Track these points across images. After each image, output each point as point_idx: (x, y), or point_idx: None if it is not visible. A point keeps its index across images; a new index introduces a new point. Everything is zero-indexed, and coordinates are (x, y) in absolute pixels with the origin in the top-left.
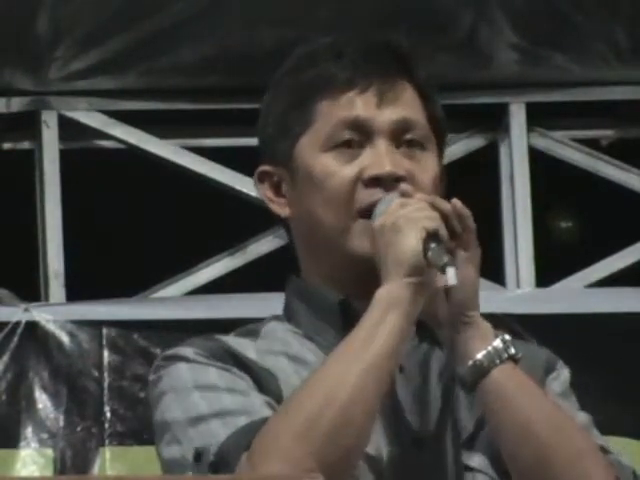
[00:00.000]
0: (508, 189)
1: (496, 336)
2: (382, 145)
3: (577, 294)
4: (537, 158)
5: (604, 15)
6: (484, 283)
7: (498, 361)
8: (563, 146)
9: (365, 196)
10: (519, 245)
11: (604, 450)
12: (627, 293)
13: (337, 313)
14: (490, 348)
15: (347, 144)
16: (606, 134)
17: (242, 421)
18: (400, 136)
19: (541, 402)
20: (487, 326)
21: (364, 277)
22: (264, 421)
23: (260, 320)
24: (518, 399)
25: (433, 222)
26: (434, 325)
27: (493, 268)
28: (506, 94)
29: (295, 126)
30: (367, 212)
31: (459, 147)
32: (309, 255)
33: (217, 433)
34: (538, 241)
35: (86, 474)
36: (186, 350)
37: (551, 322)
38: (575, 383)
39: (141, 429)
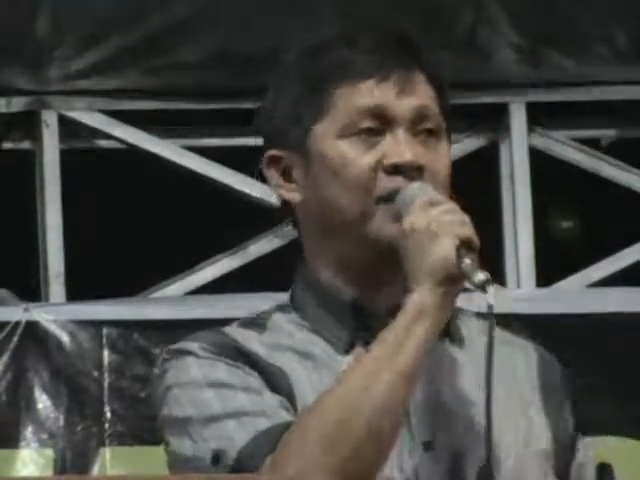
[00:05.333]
0: (508, 189)
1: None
2: (401, 133)
3: (577, 294)
4: (537, 158)
5: (604, 15)
6: None
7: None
8: (563, 146)
9: (386, 183)
10: (519, 245)
11: None
12: (627, 293)
13: (349, 312)
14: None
15: (366, 132)
16: (606, 134)
17: (262, 423)
18: (417, 125)
19: None
20: None
21: (379, 262)
22: (286, 425)
23: (263, 311)
24: None
25: (466, 228)
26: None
27: (493, 268)
28: (506, 94)
29: (308, 113)
30: (388, 198)
31: (459, 147)
32: (321, 243)
33: (234, 435)
34: (538, 241)
35: (86, 474)
36: (192, 345)
37: (551, 322)
38: (576, 382)
39: (141, 429)
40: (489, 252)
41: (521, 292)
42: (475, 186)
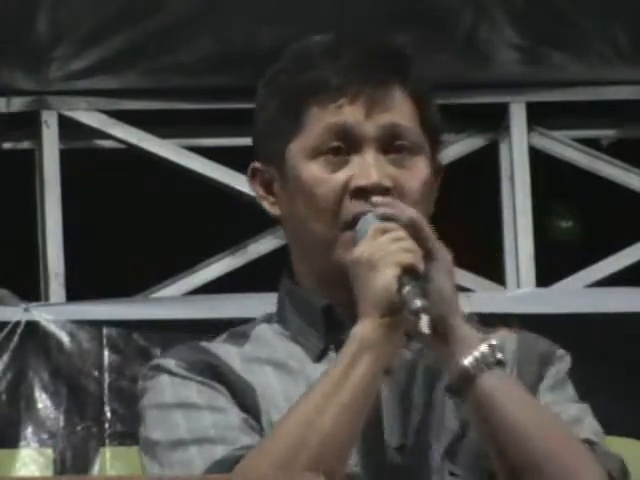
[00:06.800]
0: (508, 189)
1: (482, 341)
2: (370, 154)
3: (577, 294)
4: (537, 158)
5: (604, 15)
6: (484, 283)
7: (484, 367)
8: (563, 146)
9: (350, 208)
10: (519, 245)
11: (590, 442)
12: (627, 293)
13: (322, 318)
14: (476, 354)
15: (334, 152)
16: (606, 134)
17: (219, 452)
18: (389, 143)
19: (529, 407)
20: (470, 331)
21: (349, 285)
22: (239, 456)
23: (253, 320)
24: (506, 406)
25: (409, 256)
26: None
27: (493, 268)
28: (506, 94)
29: (286, 128)
30: (352, 224)
31: (459, 147)
32: (299, 257)
33: (195, 463)
34: (538, 241)
35: (86, 474)
36: (169, 362)
37: (551, 322)
38: (576, 382)
39: None
40: (489, 252)
41: (521, 292)
42: (475, 186)
